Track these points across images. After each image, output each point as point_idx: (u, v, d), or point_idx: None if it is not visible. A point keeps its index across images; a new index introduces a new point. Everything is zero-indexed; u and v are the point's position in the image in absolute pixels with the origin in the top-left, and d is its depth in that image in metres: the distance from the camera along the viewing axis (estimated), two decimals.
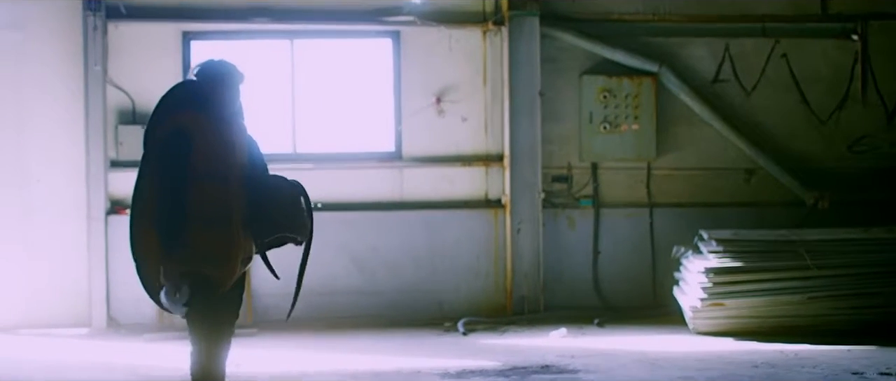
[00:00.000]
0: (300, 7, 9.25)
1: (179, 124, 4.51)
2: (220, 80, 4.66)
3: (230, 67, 4.73)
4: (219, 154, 4.54)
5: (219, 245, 4.51)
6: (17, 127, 8.93)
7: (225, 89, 4.67)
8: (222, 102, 4.65)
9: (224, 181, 4.52)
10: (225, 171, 4.53)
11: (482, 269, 9.37)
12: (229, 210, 4.53)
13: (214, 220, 4.50)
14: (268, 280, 4.83)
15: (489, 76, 9.47)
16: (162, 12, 9.12)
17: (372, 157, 9.42)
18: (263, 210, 4.64)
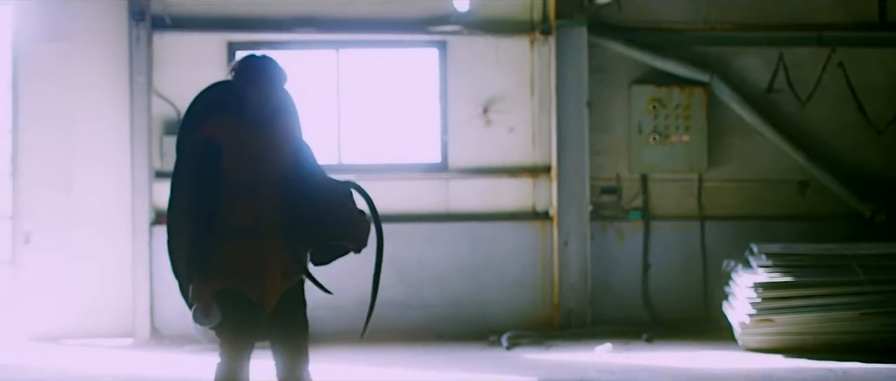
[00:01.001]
0: (346, 17, 9.78)
1: (209, 134, 4.47)
2: (255, 77, 4.53)
3: (268, 63, 4.59)
4: (250, 161, 4.48)
5: (250, 260, 4.45)
6: (66, 137, 9.55)
7: (260, 88, 4.53)
8: (258, 103, 4.54)
9: (255, 191, 4.46)
10: (256, 178, 4.47)
11: (528, 282, 9.83)
12: (260, 220, 4.46)
13: (245, 232, 4.45)
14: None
15: (537, 86, 9.95)
16: (207, 23, 9.71)
17: (417, 168, 9.93)
18: (305, 218, 4.49)
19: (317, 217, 4.50)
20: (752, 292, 8.29)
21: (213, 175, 4.42)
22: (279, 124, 4.63)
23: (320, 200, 4.54)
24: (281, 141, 4.60)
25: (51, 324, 9.43)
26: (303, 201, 4.50)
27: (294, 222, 4.49)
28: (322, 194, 4.57)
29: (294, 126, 4.72)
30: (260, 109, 4.54)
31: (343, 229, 4.60)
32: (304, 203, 4.50)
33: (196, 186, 4.42)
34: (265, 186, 4.48)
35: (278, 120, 4.63)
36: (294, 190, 4.52)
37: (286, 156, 4.59)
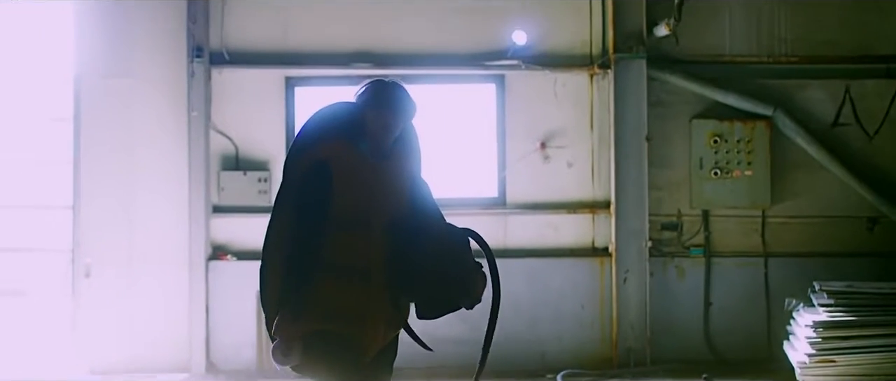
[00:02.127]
0: (403, 52, 10.44)
1: (321, 157, 4.33)
2: (380, 103, 4.42)
3: (397, 90, 4.51)
4: (363, 192, 4.34)
5: (354, 303, 4.33)
6: (126, 171, 10.30)
7: (386, 116, 4.42)
8: (381, 130, 4.42)
9: (366, 228, 4.32)
10: (368, 213, 4.33)
11: (586, 319, 10.35)
12: (368, 262, 4.33)
13: (350, 272, 4.31)
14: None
15: (596, 121, 10.50)
16: (265, 58, 10.44)
17: (475, 203, 10.52)
18: (415, 266, 4.38)
19: (428, 266, 4.36)
20: (812, 331, 8.71)
21: (319, 203, 4.28)
22: (400, 157, 4.50)
23: (434, 247, 4.40)
24: (399, 176, 4.48)
25: (109, 357, 10.08)
26: (415, 246, 4.35)
27: (403, 268, 4.35)
28: (437, 240, 4.42)
29: (414, 162, 4.59)
30: (381, 138, 4.42)
31: (455, 283, 4.44)
32: (415, 249, 4.35)
33: (298, 214, 4.28)
34: (377, 223, 4.33)
35: (399, 152, 4.50)
36: (406, 232, 4.38)
37: (402, 193, 4.47)
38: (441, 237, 4.50)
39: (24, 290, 10.42)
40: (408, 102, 4.56)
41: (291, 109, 10.45)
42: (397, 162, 4.53)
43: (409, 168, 4.59)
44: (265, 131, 10.40)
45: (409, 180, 4.57)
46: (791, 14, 10.59)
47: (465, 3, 10.50)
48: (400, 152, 4.55)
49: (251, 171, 10.26)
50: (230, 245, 10.37)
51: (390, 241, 4.41)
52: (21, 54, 10.65)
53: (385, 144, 4.49)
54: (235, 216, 10.30)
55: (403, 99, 4.56)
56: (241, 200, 10.28)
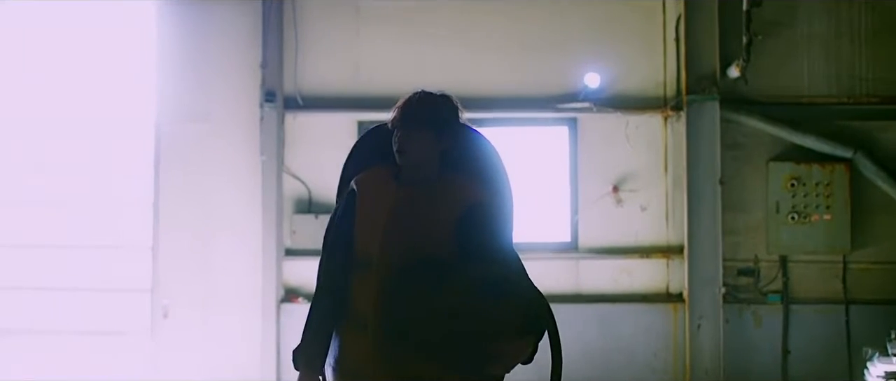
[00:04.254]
0: (476, 95, 11.16)
1: (353, 186, 4.18)
2: (396, 119, 4.12)
3: (410, 102, 4.18)
4: (373, 226, 4.02)
5: (358, 358, 4.04)
6: (202, 214, 11.23)
7: (397, 135, 4.12)
8: (398, 155, 4.09)
9: (369, 266, 4.00)
10: (375, 250, 3.98)
11: (659, 366, 10.94)
12: (369, 307, 3.97)
13: (358, 320, 4.04)
14: None
15: (671, 164, 11.19)
16: (337, 103, 11.32)
17: (547, 247, 11.22)
18: (423, 320, 3.81)
19: (435, 321, 3.78)
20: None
21: (346, 241, 4.07)
22: (449, 183, 4.07)
23: (454, 297, 3.80)
24: (439, 206, 4.02)
25: None
26: (433, 296, 3.80)
27: (414, 317, 3.82)
28: (463, 291, 3.82)
29: (477, 189, 4.10)
30: (401, 160, 4.09)
31: (465, 347, 3.82)
32: (433, 297, 3.80)
33: (326, 255, 4.16)
34: (383, 263, 3.96)
35: (449, 178, 4.07)
36: (427, 279, 3.84)
37: (440, 226, 3.99)
38: (472, 287, 3.84)
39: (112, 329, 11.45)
40: (423, 111, 4.16)
41: None
42: (444, 188, 4.06)
43: (463, 197, 4.04)
44: (336, 175, 11.15)
45: (460, 212, 4.00)
46: (871, 54, 11.14)
47: (539, 45, 11.28)
48: (449, 178, 4.10)
49: (323, 214, 11.09)
50: (302, 288, 11.21)
51: (403, 284, 3.88)
52: (105, 100, 11.70)
53: (411, 166, 4.11)
54: (307, 259, 11.13)
55: (415, 109, 4.16)
56: (313, 243, 11.08)
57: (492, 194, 4.23)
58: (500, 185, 4.33)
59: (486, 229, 4.14)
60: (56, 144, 11.88)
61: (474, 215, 4.10)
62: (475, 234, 4.08)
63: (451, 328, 3.85)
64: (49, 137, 11.91)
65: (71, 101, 11.84)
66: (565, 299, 11.13)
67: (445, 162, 4.19)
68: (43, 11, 12.03)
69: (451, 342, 3.85)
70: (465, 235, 4.06)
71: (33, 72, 12.01)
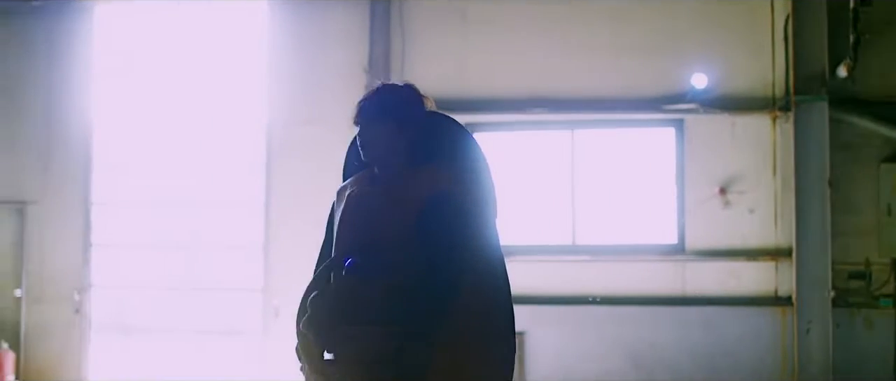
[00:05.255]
0: (580, 97, 11.57)
1: (333, 201, 4.23)
2: (367, 111, 4.12)
3: (373, 94, 4.17)
4: (340, 231, 4.07)
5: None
6: (312, 216, 11.71)
7: (372, 124, 4.09)
8: (369, 142, 4.09)
9: (329, 266, 4.01)
10: (338, 250, 4.02)
11: (766, 371, 11.13)
12: (304, 302, 3.97)
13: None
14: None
15: (779, 165, 11.39)
16: (443, 105, 11.49)
17: (653, 250, 11.53)
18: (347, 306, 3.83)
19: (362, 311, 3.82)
20: None
21: (328, 251, 4.14)
22: (412, 179, 3.96)
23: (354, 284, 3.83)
24: (399, 202, 3.92)
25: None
26: (361, 289, 3.83)
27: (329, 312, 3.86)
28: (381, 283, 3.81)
29: (441, 177, 3.94)
30: (370, 158, 4.09)
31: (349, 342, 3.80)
32: (363, 292, 3.82)
33: (316, 265, 4.22)
34: (336, 261, 3.98)
35: (414, 173, 3.98)
36: (365, 271, 3.85)
37: (395, 225, 3.87)
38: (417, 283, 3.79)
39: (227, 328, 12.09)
40: (380, 103, 4.11)
41: None
42: (410, 180, 3.97)
43: (429, 187, 3.90)
44: None
45: (424, 202, 3.86)
46: None
47: (643, 46, 11.60)
48: (417, 169, 4.00)
49: None
50: None
51: (339, 280, 3.92)
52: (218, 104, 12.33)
53: (377, 161, 4.09)
54: None
55: (372, 102, 4.13)
56: None
57: (463, 183, 3.95)
58: (476, 175, 4.02)
59: (451, 219, 3.85)
60: (170, 145, 12.53)
61: (439, 206, 3.85)
62: (437, 225, 3.82)
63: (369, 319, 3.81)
64: (164, 139, 12.58)
65: (185, 103, 12.48)
66: (671, 301, 11.40)
67: (416, 154, 4.03)
68: (157, 13, 12.69)
69: (369, 341, 3.78)
70: (427, 226, 3.82)
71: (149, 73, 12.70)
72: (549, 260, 11.54)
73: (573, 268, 11.48)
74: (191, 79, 12.52)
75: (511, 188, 11.72)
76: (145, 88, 12.72)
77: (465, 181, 3.99)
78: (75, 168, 12.52)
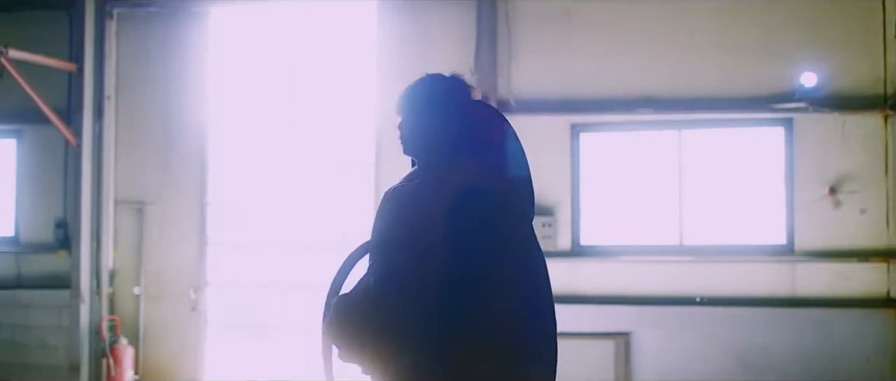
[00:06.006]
0: (687, 97, 11.76)
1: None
2: (403, 103, 4.19)
3: (426, 80, 4.16)
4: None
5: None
6: None
7: (405, 117, 4.16)
8: (403, 136, 4.19)
9: None
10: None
11: (875, 374, 11.17)
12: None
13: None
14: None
15: (891, 165, 11.41)
16: (550, 106, 12.05)
17: (761, 250, 11.66)
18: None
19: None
20: None
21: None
22: (446, 174, 3.97)
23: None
24: (431, 199, 3.91)
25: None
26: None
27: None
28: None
29: (475, 180, 3.87)
30: (406, 152, 4.21)
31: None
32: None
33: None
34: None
35: (449, 168, 3.98)
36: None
37: (425, 221, 3.81)
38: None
39: None
40: (413, 94, 4.17)
41: (576, 155, 12.03)
42: (444, 174, 3.96)
43: (460, 181, 3.87)
44: (551, 177, 11.98)
45: (453, 198, 3.81)
46: None
47: (750, 44, 11.73)
48: (452, 163, 3.98)
49: (536, 215, 11.77)
50: None
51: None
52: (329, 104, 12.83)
53: (411, 154, 4.20)
54: None
55: (406, 94, 4.22)
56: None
57: (498, 179, 3.88)
58: (514, 169, 4.00)
59: (479, 218, 3.74)
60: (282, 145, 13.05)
61: (467, 202, 3.73)
62: (464, 224, 3.71)
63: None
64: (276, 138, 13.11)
65: (297, 103, 13.00)
66: (780, 302, 11.51)
67: (454, 148, 3.94)
68: (269, 15, 13.22)
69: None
70: (454, 224, 3.70)
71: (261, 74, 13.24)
72: (654, 260, 11.77)
73: (679, 268, 11.69)
74: (302, 79, 13.00)
75: (617, 189, 12.00)
76: (257, 88, 13.26)
77: (501, 177, 3.90)
78: (191, 168, 13.15)
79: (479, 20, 12.11)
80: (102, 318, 13.07)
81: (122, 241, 13.38)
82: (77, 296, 12.95)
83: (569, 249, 11.99)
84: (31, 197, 13.74)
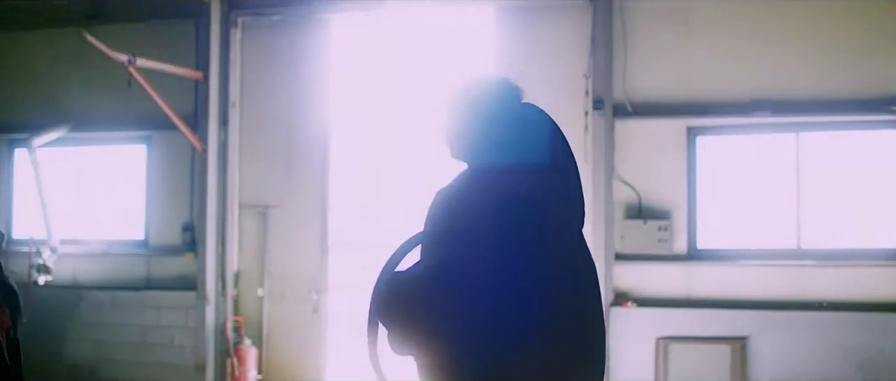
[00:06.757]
0: (805, 99, 11.81)
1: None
2: (449, 110, 4.17)
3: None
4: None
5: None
6: None
7: (453, 121, 4.15)
8: (447, 140, 4.21)
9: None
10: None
11: None
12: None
13: None
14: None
15: None
16: (666, 109, 12.24)
17: (881, 254, 11.67)
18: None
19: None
20: None
21: None
22: (485, 180, 4.01)
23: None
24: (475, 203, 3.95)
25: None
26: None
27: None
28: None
29: (518, 186, 3.90)
30: (455, 156, 4.23)
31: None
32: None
33: None
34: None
35: (488, 172, 4.02)
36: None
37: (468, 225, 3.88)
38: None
39: None
40: (453, 98, 4.18)
41: (693, 158, 12.20)
42: (481, 177, 4.02)
43: (501, 187, 3.91)
44: (667, 181, 12.18)
45: (499, 203, 3.87)
46: None
47: (870, 45, 11.76)
48: (494, 166, 4.02)
49: (651, 219, 12.05)
50: (631, 292, 12.19)
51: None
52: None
53: (460, 158, 4.19)
54: (636, 264, 12.12)
55: (449, 97, 4.23)
56: (642, 248, 12.10)
57: (544, 182, 3.89)
58: (561, 173, 4.00)
59: (527, 219, 3.77)
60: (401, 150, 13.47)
61: (514, 204, 3.77)
62: (514, 223, 3.74)
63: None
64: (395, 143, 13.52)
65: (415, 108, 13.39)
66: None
67: (496, 149, 3.94)
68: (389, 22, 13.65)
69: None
70: (501, 223, 3.74)
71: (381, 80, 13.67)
72: (772, 264, 11.87)
73: (797, 272, 11.76)
74: (419, 85, 13.38)
75: (732, 192, 12.11)
76: (376, 93, 13.68)
77: (546, 180, 3.89)
78: (313, 173, 13.65)
79: (593, 24, 12.35)
80: (227, 319, 13.64)
81: (246, 244, 13.95)
82: (203, 297, 13.56)
83: (685, 253, 12.16)
84: (159, 202, 14.43)
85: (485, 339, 3.64)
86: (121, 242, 14.60)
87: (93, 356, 14.22)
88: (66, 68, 14.69)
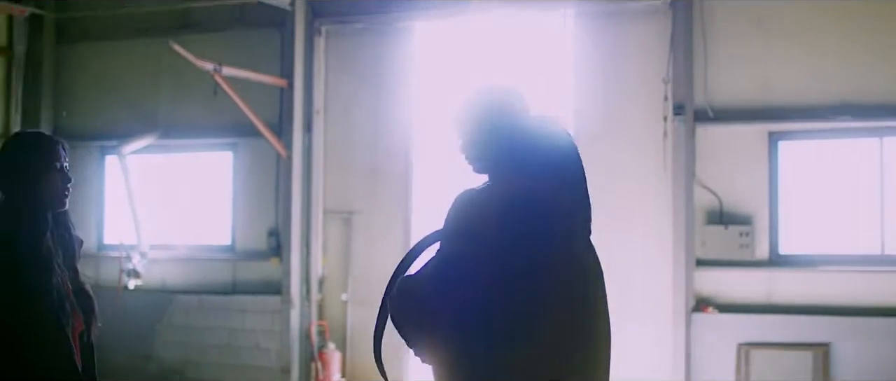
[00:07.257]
0: (889, 104, 11.80)
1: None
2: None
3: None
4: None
5: None
6: (612, 226, 12.58)
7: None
8: (463, 152, 4.39)
9: None
10: None
11: None
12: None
13: None
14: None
15: None
16: (747, 114, 12.30)
17: None
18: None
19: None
20: None
21: None
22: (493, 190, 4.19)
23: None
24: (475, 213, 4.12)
25: None
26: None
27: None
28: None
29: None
30: (472, 169, 4.39)
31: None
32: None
33: None
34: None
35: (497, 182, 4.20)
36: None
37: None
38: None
39: None
40: (462, 108, 4.37)
41: (775, 163, 12.25)
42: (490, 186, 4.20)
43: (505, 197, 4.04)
44: (748, 186, 12.25)
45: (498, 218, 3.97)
46: None
47: None
48: (499, 178, 4.19)
49: (733, 225, 12.13)
50: (713, 298, 12.28)
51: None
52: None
53: (472, 168, 4.39)
54: (717, 270, 12.20)
55: (459, 107, 4.42)
56: (723, 253, 12.18)
57: (552, 188, 3.98)
58: (570, 181, 4.09)
59: (533, 220, 3.89)
60: None
61: (522, 204, 3.89)
62: (521, 222, 3.87)
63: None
64: None
65: None
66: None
67: (515, 159, 4.01)
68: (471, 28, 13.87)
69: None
70: (509, 222, 3.88)
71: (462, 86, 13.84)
72: (855, 270, 11.87)
73: (881, 278, 11.75)
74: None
75: (814, 197, 12.14)
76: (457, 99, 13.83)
77: (554, 187, 3.97)
78: (397, 179, 13.93)
79: (673, 29, 12.46)
80: (312, 323, 13.98)
81: (330, 249, 14.27)
82: (288, 302, 13.92)
83: (766, 258, 12.22)
84: (245, 207, 14.81)
85: (481, 338, 3.77)
86: (208, 247, 15.03)
87: (180, 359, 14.66)
88: (155, 77, 15.16)
